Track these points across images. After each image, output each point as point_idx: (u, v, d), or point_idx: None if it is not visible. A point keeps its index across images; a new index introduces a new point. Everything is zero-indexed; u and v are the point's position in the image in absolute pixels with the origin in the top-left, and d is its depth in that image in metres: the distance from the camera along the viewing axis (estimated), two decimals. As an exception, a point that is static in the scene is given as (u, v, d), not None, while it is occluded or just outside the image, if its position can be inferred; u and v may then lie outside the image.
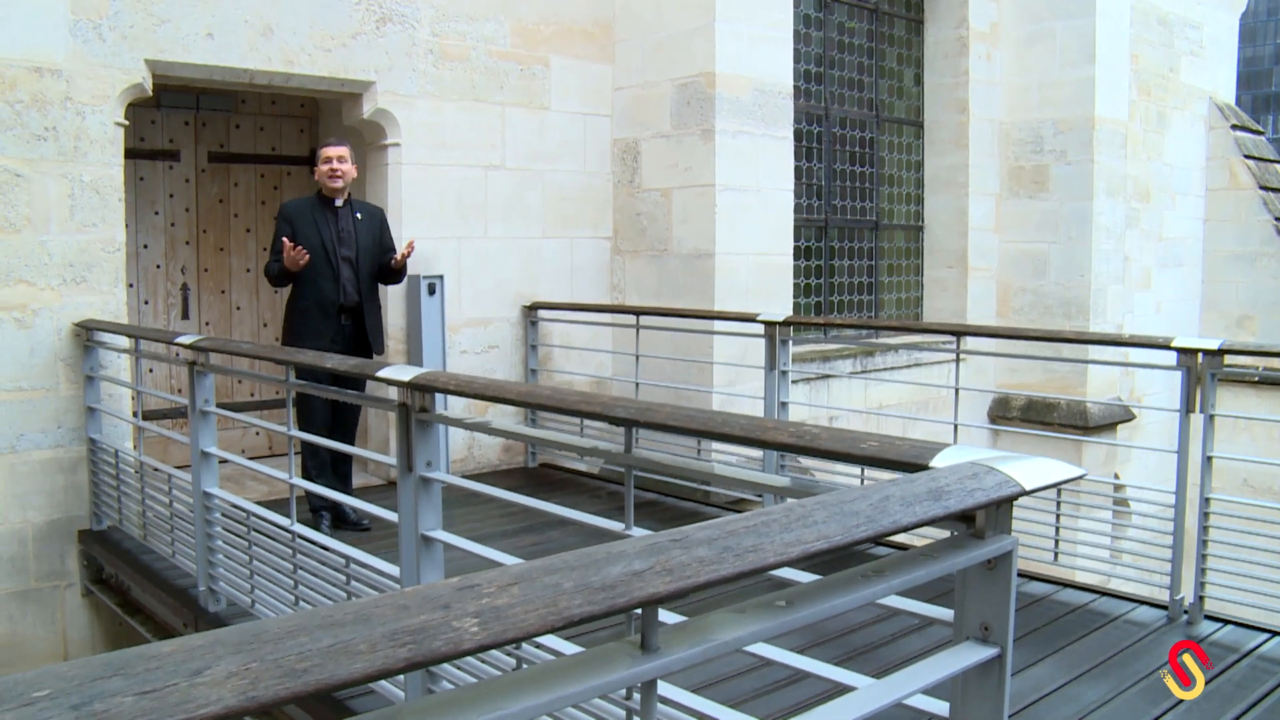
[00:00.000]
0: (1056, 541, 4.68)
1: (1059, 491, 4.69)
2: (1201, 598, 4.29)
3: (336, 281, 5.34)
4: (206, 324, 6.88)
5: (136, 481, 5.05)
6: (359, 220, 5.48)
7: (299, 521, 3.76)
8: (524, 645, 2.84)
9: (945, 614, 1.78)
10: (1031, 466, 1.62)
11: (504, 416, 6.79)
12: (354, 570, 3.40)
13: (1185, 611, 4.31)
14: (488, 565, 2.85)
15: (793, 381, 7.71)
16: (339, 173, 5.32)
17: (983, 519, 1.61)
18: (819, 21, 8.86)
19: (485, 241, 6.94)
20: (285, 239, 5.13)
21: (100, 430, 5.44)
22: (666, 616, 2.38)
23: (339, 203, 5.41)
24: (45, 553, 5.46)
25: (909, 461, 1.74)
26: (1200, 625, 4.27)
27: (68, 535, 5.52)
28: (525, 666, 2.86)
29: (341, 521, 5.50)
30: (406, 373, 2.94)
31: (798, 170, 8.67)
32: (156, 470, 4.84)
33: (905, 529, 1.34)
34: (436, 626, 0.95)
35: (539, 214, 7.21)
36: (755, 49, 7.03)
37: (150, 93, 5.63)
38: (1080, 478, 1.68)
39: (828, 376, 8.17)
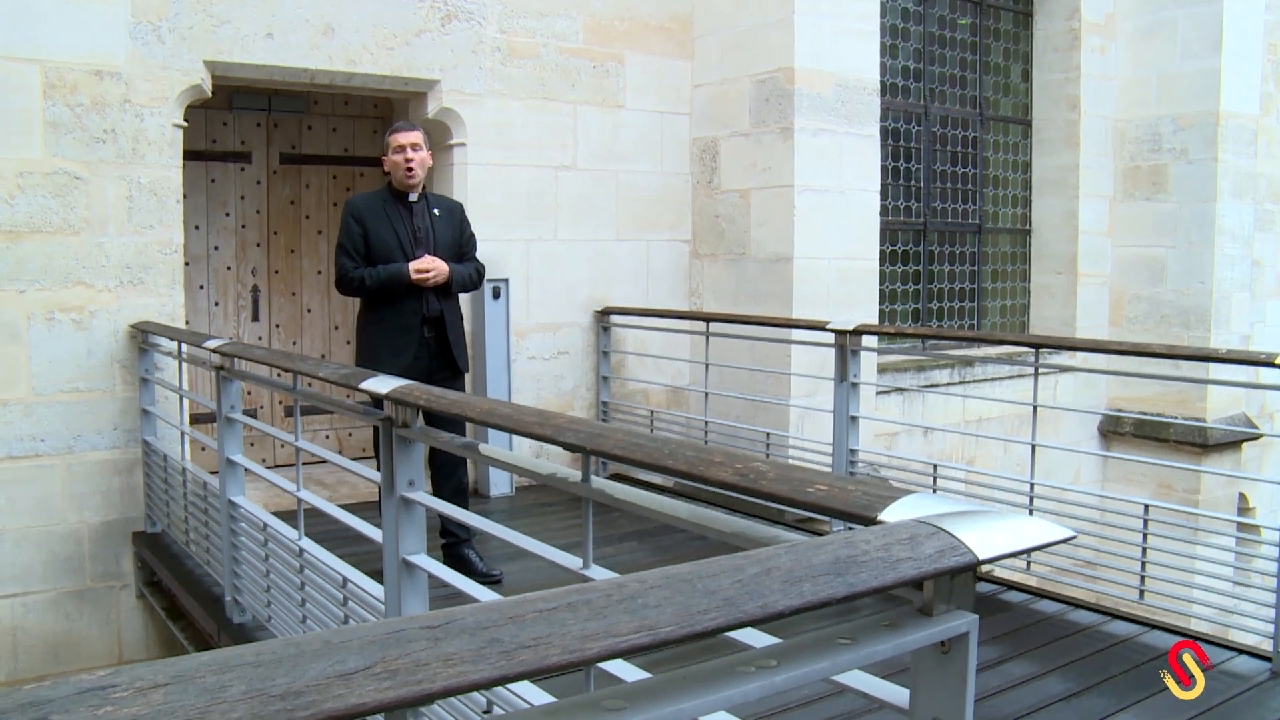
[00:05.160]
0: (1143, 578, 4.19)
1: (1145, 521, 4.21)
2: (1311, 650, 3.78)
3: (417, 288, 4.60)
4: (277, 326, 6.85)
5: (180, 486, 5.00)
6: (436, 216, 4.76)
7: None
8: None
9: (901, 696, 1.46)
10: (994, 528, 1.29)
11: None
12: (350, 590, 3.21)
13: (1291, 665, 3.81)
14: (468, 599, 2.62)
15: (880, 393, 7.28)
16: (414, 162, 4.59)
17: (931, 591, 1.30)
18: (918, 15, 8.39)
19: (555, 244, 6.74)
20: (416, 264, 4.53)
21: (155, 433, 5.41)
22: (625, 671, 2.10)
23: (414, 197, 4.70)
24: (101, 553, 5.47)
25: (856, 513, 1.43)
26: (1309, 681, 3.76)
27: (123, 537, 5.52)
28: None
29: (466, 568, 4.54)
30: (386, 384, 2.73)
31: (894, 171, 8.26)
32: (196, 476, 4.77)
33: (778, 617, 1.03)
34: (12, 757, 0.71)
35: (612, 216, 6.97)
36: (838, 43, 6.65)
37: (210, 94, 5.60)
38: (1065, 541, 1.35)
39: (901, 389, 7.68)
